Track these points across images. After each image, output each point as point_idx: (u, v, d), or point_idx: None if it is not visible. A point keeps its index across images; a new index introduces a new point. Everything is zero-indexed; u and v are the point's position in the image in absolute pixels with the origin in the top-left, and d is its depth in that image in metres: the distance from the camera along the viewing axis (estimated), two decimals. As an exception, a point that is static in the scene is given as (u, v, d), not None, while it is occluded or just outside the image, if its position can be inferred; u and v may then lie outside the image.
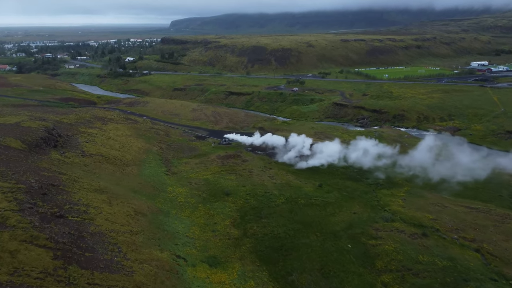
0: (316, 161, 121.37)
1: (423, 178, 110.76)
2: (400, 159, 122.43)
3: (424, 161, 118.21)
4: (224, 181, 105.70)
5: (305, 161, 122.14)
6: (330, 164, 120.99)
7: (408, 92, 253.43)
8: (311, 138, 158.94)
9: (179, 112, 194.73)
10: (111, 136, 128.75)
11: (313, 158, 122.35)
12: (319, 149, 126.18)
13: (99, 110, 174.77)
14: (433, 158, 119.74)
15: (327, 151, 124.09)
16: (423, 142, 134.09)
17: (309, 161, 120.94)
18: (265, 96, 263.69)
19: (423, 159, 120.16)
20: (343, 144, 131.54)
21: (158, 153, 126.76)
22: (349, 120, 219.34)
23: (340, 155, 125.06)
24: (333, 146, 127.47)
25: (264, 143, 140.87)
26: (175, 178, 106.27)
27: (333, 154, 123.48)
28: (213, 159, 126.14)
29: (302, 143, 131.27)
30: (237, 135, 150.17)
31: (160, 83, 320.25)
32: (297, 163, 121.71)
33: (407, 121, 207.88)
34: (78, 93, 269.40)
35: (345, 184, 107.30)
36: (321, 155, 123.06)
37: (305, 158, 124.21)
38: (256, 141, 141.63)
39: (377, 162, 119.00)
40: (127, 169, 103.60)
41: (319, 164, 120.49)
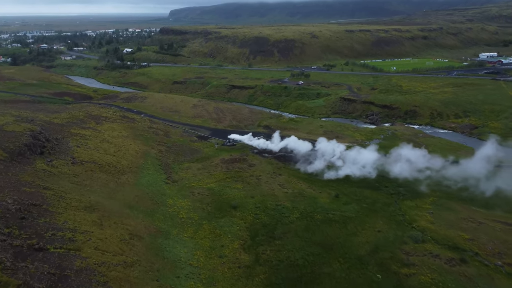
0: (348, 170, 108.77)
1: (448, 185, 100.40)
2: (420, 164, 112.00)
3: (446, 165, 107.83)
4: (230, 190, 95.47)
5: (335, 171, 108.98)
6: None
7: (418, 86, 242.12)
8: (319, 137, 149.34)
9: (179, 108, 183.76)
10: (105, 138, 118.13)
11: (344, 168, 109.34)
12: (351, 158, 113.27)
13: (94, 107, 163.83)
14: (455, 162, 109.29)
15: (361, 160, 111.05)
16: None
17: (340, 172, 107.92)
18: (269, 90, 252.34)
19: (445, 164, 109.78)
20: (378, 151, 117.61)
21: (157, 156, 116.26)
22: (358, 116, 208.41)
23: (376, 165, 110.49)
24: (368, 154, 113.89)
25: (285, 149, 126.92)
26: (176, 188, 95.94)
27: (368, 164, 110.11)
28: (217, 163, 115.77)
29: (332, 151, 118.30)
30: (245, 137, 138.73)
31: (159, 75, 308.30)
32: (324, 174, 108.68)
33: (419, 118, 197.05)
34: (74, 86, 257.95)
35: (363, 194, 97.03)
36: (354, 166, 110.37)
37: (334, 168, 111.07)
38: (275, 147, 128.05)
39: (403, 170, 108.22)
40: (123, 178, 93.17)
41: (352, 175, 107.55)
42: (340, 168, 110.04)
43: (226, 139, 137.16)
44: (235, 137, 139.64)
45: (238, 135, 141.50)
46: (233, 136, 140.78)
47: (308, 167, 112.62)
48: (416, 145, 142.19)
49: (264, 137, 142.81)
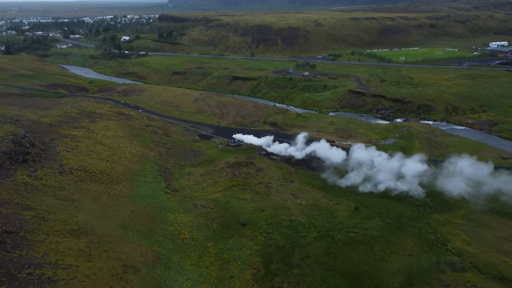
0: (389, 184, 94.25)
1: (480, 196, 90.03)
2: (446, 169, 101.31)
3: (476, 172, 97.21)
4: (238, 202, 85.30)
5: (372, 184, 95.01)
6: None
7: (430, 78, 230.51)
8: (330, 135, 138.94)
9: (180, 102, 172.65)
10: (99, 140, 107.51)
11: (384, 182, 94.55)
12: (391, 168, 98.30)
13: (88, 101, 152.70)
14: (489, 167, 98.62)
15: (407, 173, 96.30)
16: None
17: (380, 186, 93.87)
18: (273, 81, 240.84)
19: (474, 169, 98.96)
20: (423, 160, 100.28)
21: (155, 160, 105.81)
22: (368, 111, 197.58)
23: (422, 178, 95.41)
24: (414, 165, 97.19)
25: (311, 156, 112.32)
26: (176, 199, 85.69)
27: (412, 176, 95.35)
28: (222, 167, 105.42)
29: (369, 161, 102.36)
30: (262, 140, 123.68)
31: (158, 65, 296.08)
32: (358, 187, 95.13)
33: (434, 113, 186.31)
34: (68, 77, 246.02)
35: (385, 205, 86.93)
36: (394, 177, 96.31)
37: (371, 180, 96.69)
38: (299, 154, 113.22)
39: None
40: (117, 189, 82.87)
41: (393, 190, 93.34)
42: (378, 181, 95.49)
43: (231, 139, 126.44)
44: (252, 141, 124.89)
45: (253, 136, 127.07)
46: (250, 140, 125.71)
47: (341, 180, 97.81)
48: (435, 145, 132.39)
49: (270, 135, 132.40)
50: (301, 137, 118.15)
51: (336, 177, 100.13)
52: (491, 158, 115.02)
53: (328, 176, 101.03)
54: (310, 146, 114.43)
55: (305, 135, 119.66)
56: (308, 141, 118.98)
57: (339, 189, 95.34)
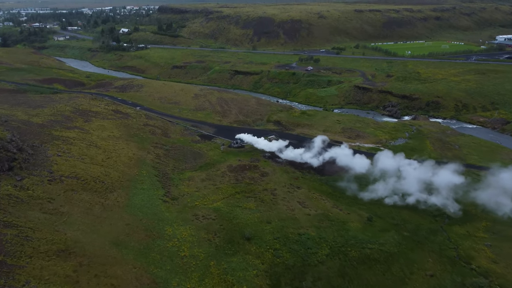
0: (417, 196, 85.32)
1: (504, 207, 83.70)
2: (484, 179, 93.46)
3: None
4: (241, 212, 79.09)
5: (400, 197, 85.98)
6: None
7: (438, 73, 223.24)
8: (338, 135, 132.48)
9: (179, 99, 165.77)
10: (94, 141, 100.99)
11: (413, 195, 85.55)
12: (422, 179, 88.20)
13: (83, 98, 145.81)
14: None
15: (440, 184, 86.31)
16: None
17: (409, 199, 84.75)
18: (276, 76, 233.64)
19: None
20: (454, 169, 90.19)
21: (153, 164, 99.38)
22: (374, 107, 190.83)
23: (458, 192, 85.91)
24: (448, 176, 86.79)
25: (329, 162, 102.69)
26: (176, 209, 79.40)
27: (445, 189, 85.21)
28: (224, 171, 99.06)
29: (395, 171, 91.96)
30: (273, 144, 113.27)
31: (158, 59, 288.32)
32: (384, 199, 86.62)
33: (443, 110, 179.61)
34: (65, 71, 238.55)
35: (401, 216, 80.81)
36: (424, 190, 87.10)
37: (399, 192, 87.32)
38: (315, 162, 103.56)
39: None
40: (111, 198, 76.57)
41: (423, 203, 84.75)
42: (407, 193, 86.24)
43: (234, 140, 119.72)
44: (264, 147, 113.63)
45: (263, 140, 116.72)
46: (261, 146, 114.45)
47: (364, 194, 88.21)
48: (447, 146, 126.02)
49: (276, 136, 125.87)
50: (318, 141, 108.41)
51: (355, 185, 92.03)
52: (509, 161, 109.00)
53: (346, 186, 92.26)
54: (329, 152, 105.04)
55: (323, 139, 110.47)
56: (317, 142, 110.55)
57: (349, 196, 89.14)
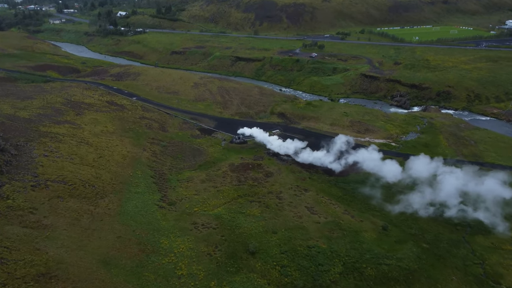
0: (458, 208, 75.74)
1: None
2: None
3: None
4: (245, 219, 72.33)
5: (437, 208, 76.70)
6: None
7: (447, 61, 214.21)
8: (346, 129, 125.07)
9: (178, 88, 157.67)
10: (85, 138, 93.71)
11: (453, 207, 75.70)
12: (463, 191, 77.97)
13: (76, 88, 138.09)
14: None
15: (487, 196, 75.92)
16: None
17: (448, 213, 75.36)
18: (279, 63, 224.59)
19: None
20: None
21: (149, 163, 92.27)
22: (382, 97, 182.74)
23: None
24: (495, 187, 75.71)
25: (350, 166, 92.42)
26: (173, 216, 72.61)
27: (495, 204, 74.69)
28: (225, 171, 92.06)
29: (430, 178, 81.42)
30: (290, 146, 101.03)
31: (156, 44, 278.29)
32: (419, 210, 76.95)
33: (454, 101, 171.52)
34: (60, 57, 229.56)
35: (418, 224, 74.07)
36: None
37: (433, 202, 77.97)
38: (337, 167, 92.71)
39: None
40: (102, 205, 69.72)
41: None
42: (444, 205, 76.66)
43: (236, 135, 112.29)
44: (279, 149, 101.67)
45: (278, 139, 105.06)
46: (273, 147, 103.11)
47: (395, 207, 77.93)
48: (463, 142, 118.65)
49: (281, 130, 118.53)
50: (338, 141, 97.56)
51: (379, 194, 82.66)
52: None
53: (371, 194, 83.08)
54: (353, 155, 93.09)
55: (347, 139, 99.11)
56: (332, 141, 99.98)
57: (361, 200, 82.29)
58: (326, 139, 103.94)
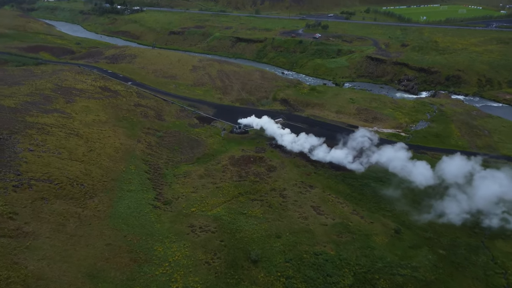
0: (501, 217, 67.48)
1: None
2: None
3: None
4: (246, 221, 66.95)
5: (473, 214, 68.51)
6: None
7: (457, 42, 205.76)
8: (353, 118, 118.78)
9: (176, 72, 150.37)
10: (75, 129, 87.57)
11: (493, 216, 67.63)
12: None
13: (69, 72, 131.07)
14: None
15: None
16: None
17: (489, 222, 67.31)
18: (281, 44, 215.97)
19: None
20: None
21: (144, 156, 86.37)
22: (388, 81, 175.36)
23: None
24: None
25: (375, 168, 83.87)
26: (168, 217, 67.16)
27: None
28: (225, 165, 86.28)
29: (465, 183, 72.35)
30: (295, 141, 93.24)
31: (153, 23, 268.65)
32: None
33: (465, 86, 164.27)
34: (53, 37, 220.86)
35: (432, 226, 68.63)
36: None
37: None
38: (358, 167, 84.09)
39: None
40: (90, 206, 64.19)
41: None
42: (482, 212, 68.42)
43: (236, 125, 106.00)
44: (293, 146, 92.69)
45: (289, 134, 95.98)
46: (285, 142, 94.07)
47: (426, 216, 69.92)
48: (476, 132, 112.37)
49: (284, 119, 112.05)
50: (360, 138, 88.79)
51: (402, 196, 75.45)
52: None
53: (391, 196, 75.48)
54: (377, 153, 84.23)
55: (369, 135, 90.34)
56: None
57: (370, 199, 76.71)
58: (343, 132, 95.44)
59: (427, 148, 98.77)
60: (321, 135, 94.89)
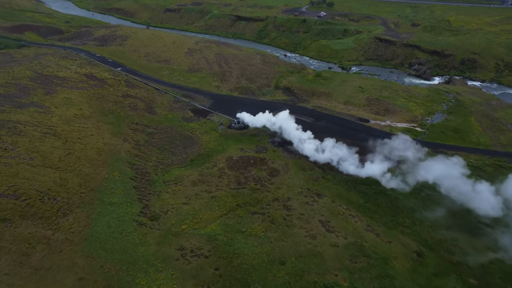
0: None
1: None
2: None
3: None
4: (245, 242, 57.99)
5: None
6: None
7: (471, 22, 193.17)
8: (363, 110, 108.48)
9: (170, 56, 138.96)
10: (52, 126, 77.63)
11: None
12: None
13: (52, 57, 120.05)
14: None
15: None
16: None
17: None
18: (283, 23, 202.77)
19: None
20: None
21: (130, 158, 76.68)
22: (398, 65, 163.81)
23: None
24: None
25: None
26: (154, 237, 58.05)
27: None
28: (222, 168, 76.74)
29: None
30: (317, 149, 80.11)
31: (148, 0, 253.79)
32: None
33: (481, 70, 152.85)
34: (41, 15, 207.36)
35: (460, 245, 59.73)
36: None
37: None
38: (403, 188, 69.26)
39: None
40: (63, 226, 55.03)
41: None
42: None
43: (235, 119, 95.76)
44: (315, 156, 79.13)
45: (311, 140, 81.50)
46: (305, 151, 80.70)
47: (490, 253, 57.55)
48: (498, 125, 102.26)
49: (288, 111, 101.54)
50: (401, 146, 75.16)
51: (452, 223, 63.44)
52: None
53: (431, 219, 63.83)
54: (423, 168, 69.94)
55: (413, 144, 76.52)
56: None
57: (386, 210, 67.56)
58: (377, 136, 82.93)
59: (446, 147, 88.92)
60: (329, 131, 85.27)
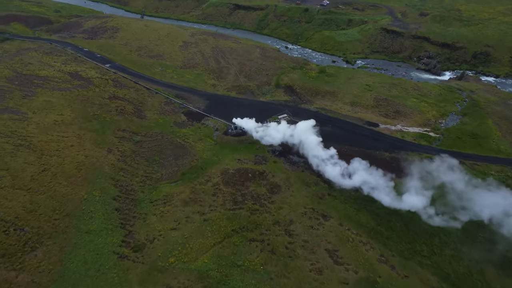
0: None
1: None
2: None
3: None
4: (241, 278, 50.79)
5: None
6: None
7: (482, 11, 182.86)
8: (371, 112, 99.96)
9: (164, 50, 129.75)
10: (28, 137, 69.42)
11: None
12: None
13: (35, 52, 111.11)
14: None
15: None
16: None
17: None
18: (284, 13, 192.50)
19: None
20: None
21: (113, 173, 68.55)
22: (406, 58, 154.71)
23: None
24: None
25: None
26: (137, 274, 50.44)
27: None
28: (217, 183, 68.78)
29: None
30: (333, 167, 69.76)
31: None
32: None
33: (495, 65, 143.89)
34: (29, 4, 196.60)
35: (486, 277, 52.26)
36: None
37: None
38: (449, 223, 58.33)
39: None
40: (30, 265, 47.38)
41: None
42: None
43: (231, 125, 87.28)
44: (329, 174, 69.49)
45: (334, 167, 69.62)
46: (328, 175, 69.67)
47: None
48: None
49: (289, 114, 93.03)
50: (447, 173, 65.34)
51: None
52: None
53: None
54: (474, 200, 59.42)
55: (461, 169, 67.23)
56: None
57: (401, 233, 59.88)
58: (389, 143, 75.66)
59: (463, 156, 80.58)
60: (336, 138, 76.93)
